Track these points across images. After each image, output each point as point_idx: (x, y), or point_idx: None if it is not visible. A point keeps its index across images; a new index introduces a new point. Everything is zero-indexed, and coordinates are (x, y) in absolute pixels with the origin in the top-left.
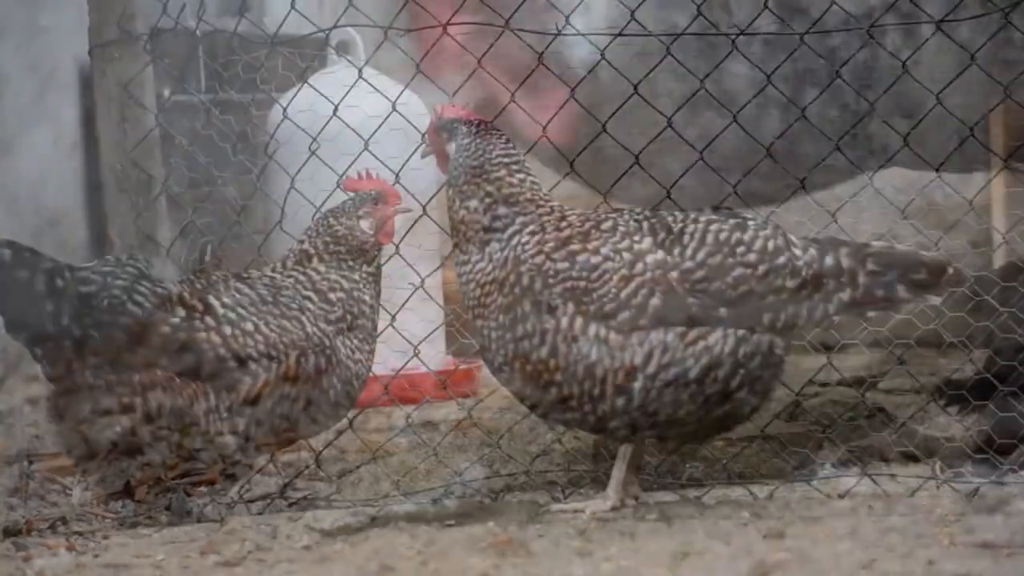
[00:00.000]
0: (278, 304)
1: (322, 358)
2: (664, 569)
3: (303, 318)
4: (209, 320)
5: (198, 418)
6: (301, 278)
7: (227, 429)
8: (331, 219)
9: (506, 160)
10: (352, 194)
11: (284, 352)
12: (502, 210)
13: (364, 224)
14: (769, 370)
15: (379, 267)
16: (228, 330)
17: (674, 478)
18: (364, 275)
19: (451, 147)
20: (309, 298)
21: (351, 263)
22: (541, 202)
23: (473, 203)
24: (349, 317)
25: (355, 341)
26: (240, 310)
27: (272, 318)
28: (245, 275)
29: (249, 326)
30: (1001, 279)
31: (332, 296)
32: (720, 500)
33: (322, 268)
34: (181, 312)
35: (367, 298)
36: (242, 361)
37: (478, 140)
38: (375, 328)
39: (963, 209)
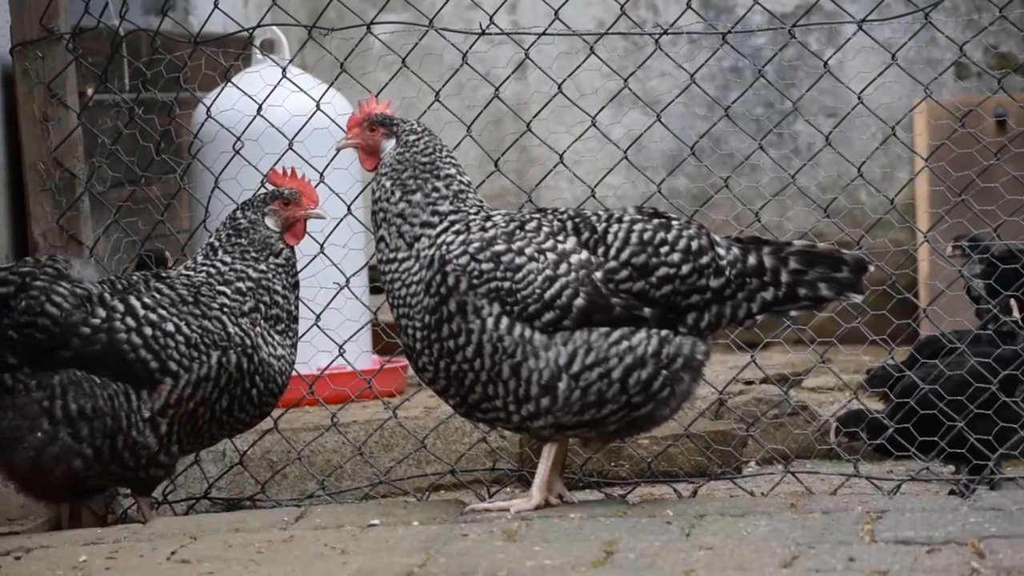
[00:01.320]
0: (199, 304)
1: (244, 357)
2: (588, 567)
3: (224, 318)
4: (130, 321)
5: (119, 420)
6: (212, 271)
7: (149, 431)
8: (237, 212)
9: (453, 160)
10: (269, 188)
11: (206, 353)
12: (444, 207)
13: (269, 220)
14: (692, 370)
15: (289, 259)
16: (149, 331)
17: (599, 477)
18: (272, 266)
19: (389, 142)
20: (223, 293)
21: (255, 255)
22: (474, 202)
23: (417, 197)
24: (262, 307)
25: (275, 336)
26: (161, 311)
27: (193, 319)
28: (164, 275)
29: (170, 327)
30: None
31: (241, 286)
32: (644, 498)
33: (228, 259)
34: (102, 313)
35: (279, 287)
36: (163, 362)
37: (427, 137)
38: (294, 319)
39: (886, 208)
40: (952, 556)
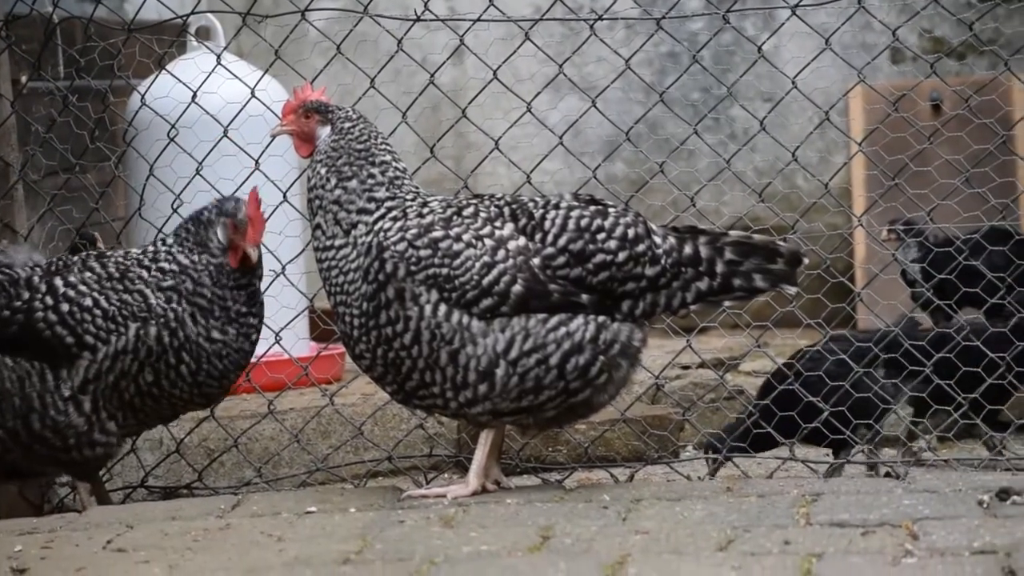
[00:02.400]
0: (124, 279)
1: (165, 331)
2: (524, 552)
3: (147, 290)
4: (48, 299)
5: (30, 400)
6: (150, 250)
7: (72, 408)
8: (204, 207)
9: (388, 147)
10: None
11: (123, 324)
12: (380, 193)
13: (219, 231)
14: (628, 358)
15: (223, 265)
16: (66, 307)
17: (536, 462)
18: (204, 261)
19: (324, 129)
20: (148, 268)
21: (191, 246)
22: (410, 188)
23: (352, 183)
24: (183, 290)
25: (210, 321)
26: (82, 287)
27: (114, 293)
28: (105, 254)
29: (88, 302)
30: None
31: (165, 266)
32: (581, 483)
33: (169, 242)
34: (24, 295)
35: (206, 280)
36: (80, 337)
37: (362, 124)
38: (238, 314)
39: (822, 192)
40: (886, 538)
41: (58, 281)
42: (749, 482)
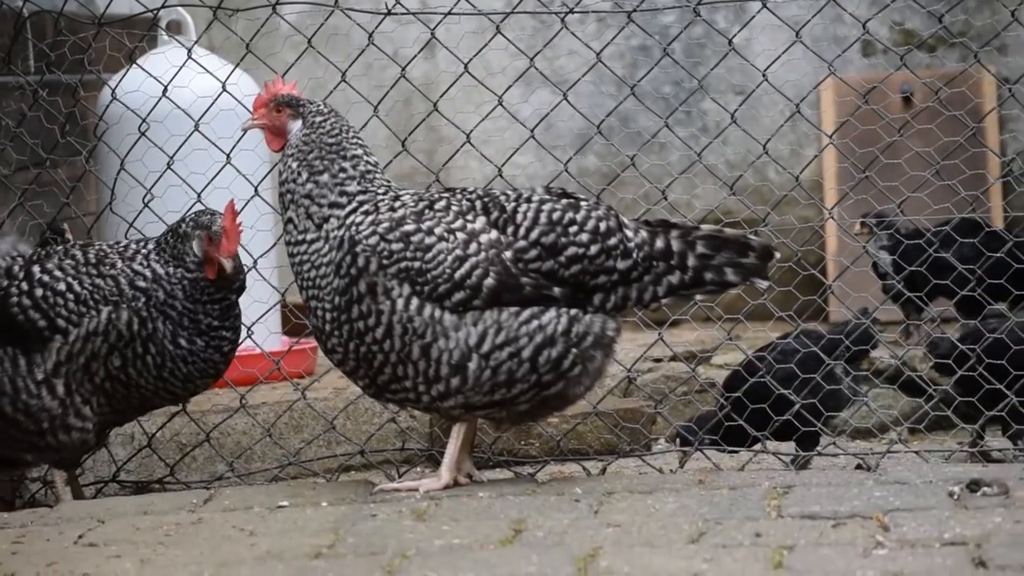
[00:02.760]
0: (100, 266)
1: (136, 318)
2: (496, 545)
3: (120, 278)
4: (24, 285)
5: (2, 384)
6: (131, 247)
7: (45, 391)
8: (180, 221)
9: (360, 141)
10: (208, 211)
11: (95, 307)
12: (352, 187)
13: (195, 244)
14: (602, 349)
15: (198, 280)
16: (40, 292)
17: (508, 456)
18: (178, 276)
19: (295, 123)
20: (124, 261)
21: (168, 258)
22: (382, 182)
23: (324, 177)
24: (155, 297)
25: (178, 330)
26: (57, 272)
27: (87, 278)
28: (88, 245)
29: (62, 286)
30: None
31: (139, 268)
32: (554, 477)
33: (150, 246)
34: (4, 283)
35: (179, 294)
36: (52, 320)
37: (333, 118)
38: (196, 331)
39: (794, 185)
40: (857, 530)
41: (36, 268)
42: (721, 474)
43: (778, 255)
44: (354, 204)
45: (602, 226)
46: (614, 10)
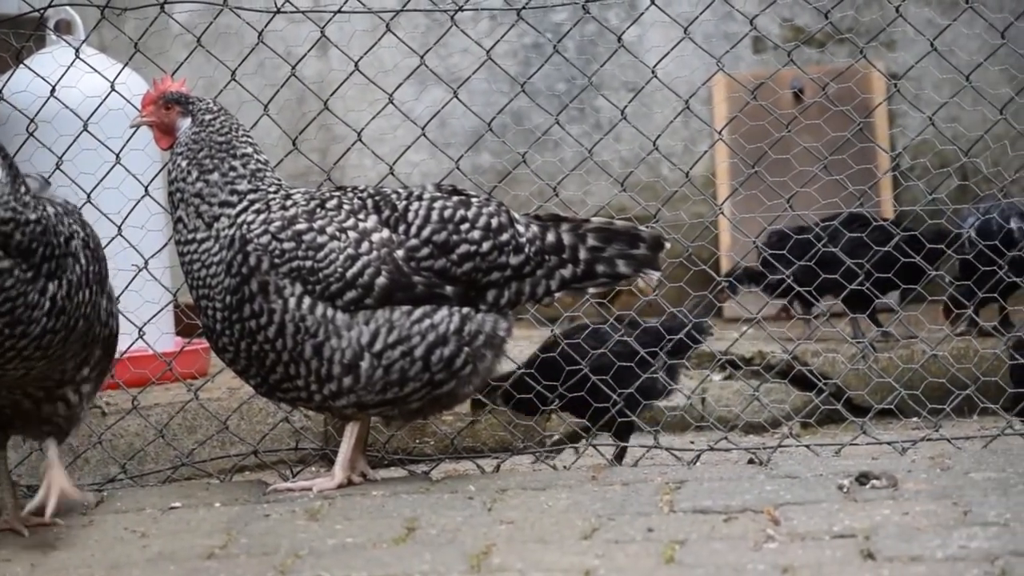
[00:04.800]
0: None
1: None
2: (390, 544)
3: None
4: None
5: None
6: None
7: None
8: None
9: (250, 139)
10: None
11: None
12: (242, 185)
13: None
14: (493, 349)
15: None
16: None
17: (403, 454)
18: None
19: (184, 121)
20: None
21: None
22: (273, 180)
23: (214, 176)
24: None
25: None
26: None
27: None
28: None
29: None
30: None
31: None
32: (448, 474)
33: None
34: None
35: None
36: None
37: (223, 116)
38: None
39: (689, 182)
40: (748, 524)
41: None
42: (614, 470)
43: (668, 245)
44: (245, 203)
45: (493, 222)
46: (504, 8)
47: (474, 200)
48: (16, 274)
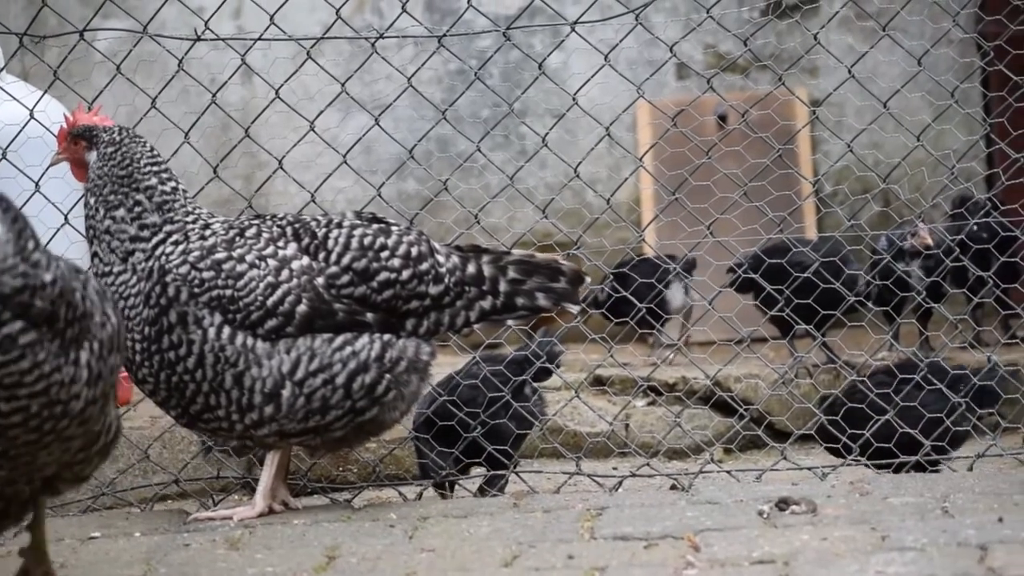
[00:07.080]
0: None
1: None
2: (310, 573)
3: None
4: None
5: None
6: None
7: None
8: None
9: (155, 168)
10: None
11: None
12: (152, 219)
13: None
14: (417, 373)
15: None
16: None
17: (326, 482)
18: None
19: (91, 155)
20: None
21: None
22: (189, 210)
23: (120, 212)
24: None
25: None
26: None
27: None
28: None
29: None
30: None
31: None
32: (370, 502)
33: None
34: None
35: None
36: None
37: (124, 148)
38: None
39: (610, 209)
40: (668, 550)
41: None
42: (536, 497)
43: (588, 279)
44: (161, 235)
45: (413, 251)
46: (425, 35)
47: (394, 228)
48: (46, 346)
